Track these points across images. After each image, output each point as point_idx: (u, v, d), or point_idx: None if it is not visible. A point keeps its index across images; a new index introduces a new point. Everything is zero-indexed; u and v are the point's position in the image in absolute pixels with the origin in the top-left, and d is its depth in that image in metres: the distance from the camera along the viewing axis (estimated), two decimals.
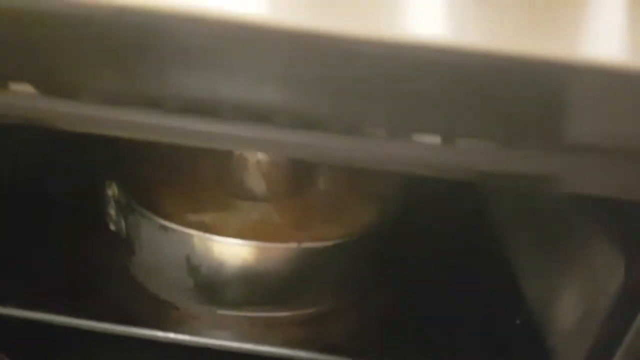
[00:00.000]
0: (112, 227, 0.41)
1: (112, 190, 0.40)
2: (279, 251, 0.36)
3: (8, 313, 0.36)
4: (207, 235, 0.35)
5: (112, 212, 0.41)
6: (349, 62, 0.19)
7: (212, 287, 0.37)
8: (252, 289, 0.37)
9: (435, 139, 0.23)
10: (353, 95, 0.21)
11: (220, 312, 0.38)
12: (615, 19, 0.17)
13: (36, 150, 0.45)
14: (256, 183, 0.41)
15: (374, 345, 0.37)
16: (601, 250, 0.32)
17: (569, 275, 0.36)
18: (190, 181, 0.42)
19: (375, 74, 0.19)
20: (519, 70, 0.18)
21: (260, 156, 0.40)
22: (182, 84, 0.23)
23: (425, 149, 0.23)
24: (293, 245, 0.36)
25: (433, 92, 0.20)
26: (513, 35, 0.17)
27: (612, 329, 0.30)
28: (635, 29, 0.17)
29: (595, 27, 0.17)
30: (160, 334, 0.35)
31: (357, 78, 0.20)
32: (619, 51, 0.17)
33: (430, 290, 0.40)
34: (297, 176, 0.42)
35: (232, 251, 0.36)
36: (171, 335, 0.35)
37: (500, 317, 0.39)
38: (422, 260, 0.42)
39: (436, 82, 0.19)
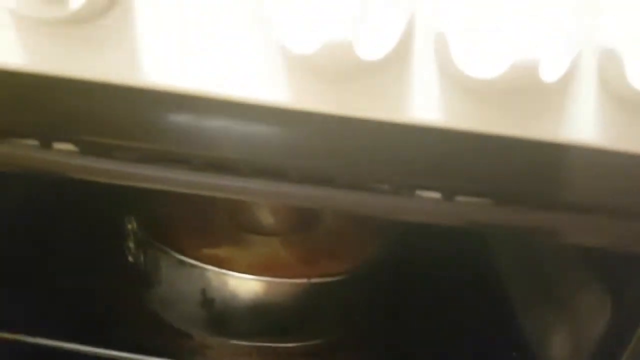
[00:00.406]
0: (131, 259, 0.44)
1: (132, 225, 0.43)
2: (289, 286, 0.38)
3: (28, 340, 0.38)
4: (223, 271, 0.37)
5: (132, 245, 0.43)
6: (362, 138, 0.22)
7: (226, 318, 0.39)
8: (264, 321, 0.39)
9: (435, 195, 0.26)
10: (364, 161, 0.24)
11: (233, 342, 0.40)
12: (587, 103, 0.19)
13: (60, 187, 0.48)
14: (266, 218, 0.44)
15: None
16: (590, 292, 0.34)
17: (561, 313, 0.38)
18: (204, 216, 0.44)
19: (384, 146, 0.22)
20: (505, 147, 0.21)
21: None
22: (206, 145, 0.26)
23: (426, 203, 0.26)
24: (303, 280, 0.38)
25: (436, 162, 0.22)
26: (498, 118, 0.20)
27: None
28: (601, 110, 0.19)
29: (569, 110, 0.19)
30: None
31: (371, 149, 0.22)
32: (591, 132, 0.20)
33: (433, 322, 0.42)
34: (305, 212, 0.45)
35: (246, 285, 0.38)
36: None
37: (498, 349, 0.41)
38: (425, 294, 0.45)
39: (439, 155, 0.22)
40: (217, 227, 0.43)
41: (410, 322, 0.43)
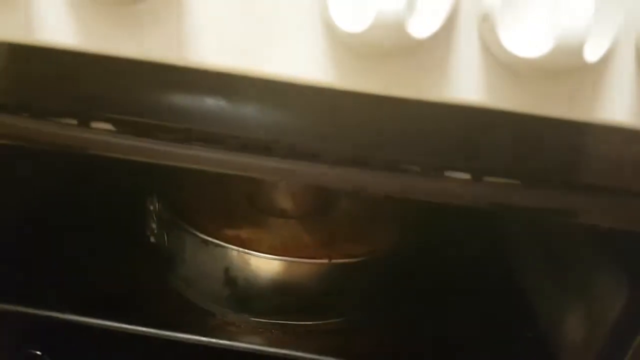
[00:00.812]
0: (153, 240, 0.44)
1: (154, 206, 0.44)
2: (311, 266, 0.39)
3: (56, 316, 0.39)
4: (247, 251, 0.38)
5: (154, 226, 0.44)
6: (391, 118, 0.22)
7: (248, 297, 0.40)
8: (285, 300, 0.40)
9: (465, 176, 0.26)
10: (393, 141, 0.25)
11: (255, 319, 0.41)
12: (624, 84, 0.20)
13: (81, 168, 0.49)
14: (286, 201, 0.44)
15: (398, 355, 0.40)
16: (606, 274, 0.35)
17: (576, 295, 0.39)
18: (226, 199, 0.45)
19: (413, 126, 0.23)
20: (538, 126, 0.21)
21: None
22: (241, 126, 0.26)
23: (455, 184, 0.26)
24: (324, 261, 0.39)
25: (465, 142, 0.23)
26: (539, 99, 0.20)
27: (615, 345, 0.33)
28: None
29: (607, 91, 0.20)
30: (204, 339, 0.38)
31: (400, 130, 0.23)
32: (629, 113, 0.20)
33: (449, 304, 0.43)
34: (324, 196, 0.45)
35: (268, 265, 0.39)
36: (213, 341, 0.38)
37: (513, 330, 0.42)
38: (442, 276, 0.45)
39: (468, 135, 0.23)
40: (238, 210, 0.44)
41: (427, 304, 0.44)
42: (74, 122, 0.26)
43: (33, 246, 0.43)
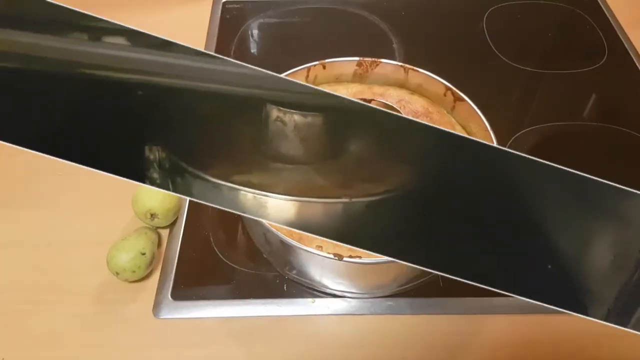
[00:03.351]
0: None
1: (154, 154, 0.40)
2: (330, 207, 0.37)
3: None
4: (264, 193, 0.36)
5: (155, 175, 0.41)
6: None
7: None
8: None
9: None
10: None
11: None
12: None
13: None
14: (295, 148, 0.42)
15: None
16: (633, 196, 0.34)
17: (600, 220, 0.38)
18: (229, 146, 0.42)
19: None
20: None
21: (298, 120, 0.41)
22: None
23: None
24: (345, 200, 0.37)
25: None
26: None
27: None
28: None
29: None
30: None
31: None
32: None
33: (464, 240, 0.42)
34: (334, 139, 0.43)
35: (287, 208, 0.37)
36: None
37: (531, 263, 0.41)
38: (456, 215, 0.44)
39: None
40: (244, 155, 0.41)
41: (444, 242, 0.43)
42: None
43: None
